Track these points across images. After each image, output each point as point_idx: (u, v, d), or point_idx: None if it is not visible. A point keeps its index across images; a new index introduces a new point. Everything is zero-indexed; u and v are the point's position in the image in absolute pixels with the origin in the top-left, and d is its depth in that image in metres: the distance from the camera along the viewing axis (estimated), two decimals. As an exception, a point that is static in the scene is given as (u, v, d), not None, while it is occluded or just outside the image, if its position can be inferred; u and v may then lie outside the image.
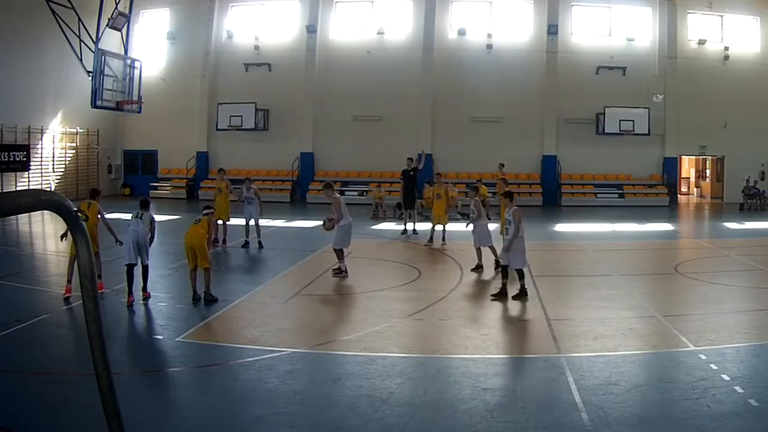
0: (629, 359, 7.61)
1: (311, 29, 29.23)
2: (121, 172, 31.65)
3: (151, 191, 29.84)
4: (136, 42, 28.28)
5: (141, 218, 10.46)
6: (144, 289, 10.24)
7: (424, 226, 19.48)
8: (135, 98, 25.51)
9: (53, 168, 27.11)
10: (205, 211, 10.87)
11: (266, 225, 19.75)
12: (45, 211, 1.71)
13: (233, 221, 16.41)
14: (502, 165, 23.50)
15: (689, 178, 34.74)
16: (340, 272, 12.24)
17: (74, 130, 28.02)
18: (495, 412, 6.03)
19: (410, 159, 19.28)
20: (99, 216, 10.66)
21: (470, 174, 27.17)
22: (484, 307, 10.33)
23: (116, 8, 24.23)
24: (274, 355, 7.74)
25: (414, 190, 18.60)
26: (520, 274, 10.49)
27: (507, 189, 12.11)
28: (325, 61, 29.37)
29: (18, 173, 24.83)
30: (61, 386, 6.71)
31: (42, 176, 26.25)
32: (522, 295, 10.29)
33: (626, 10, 28.68)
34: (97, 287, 1.77)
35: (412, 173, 18.71)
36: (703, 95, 27.72)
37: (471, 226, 12.92)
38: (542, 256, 13.44)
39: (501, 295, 10.39)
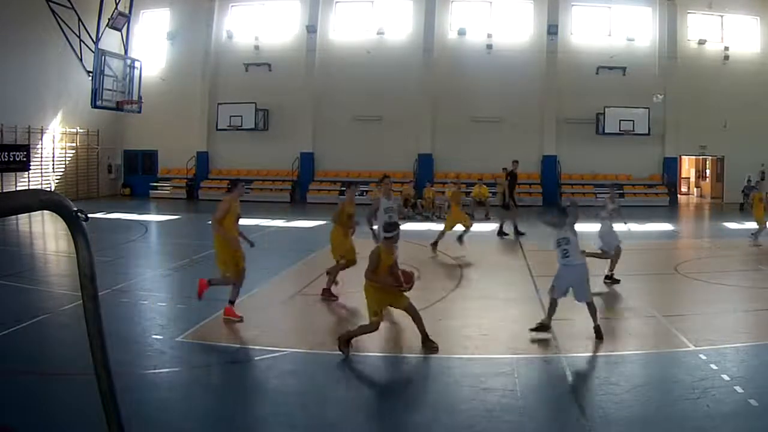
0: (629, 359, 7.61)
1: (311, 29, 29.24)
2: (121, 172, 31.68)
3: (151, 191, 29.93)
4: (136, 42, 28.33)
5: None
6: None
7: (424, 226, 19.52)
8: (135, 98, 25.56)
9: (53, 168, 27.12)
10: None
11: (266, 225, 19.80)
12: (45, 211, 1.70)
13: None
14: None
15: (689, 178, 34.75)
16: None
17: (74, 130, 28.03)
18: (495, 412, 6.02)
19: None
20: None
21: (470, 174, 27.18)
22: (483, 307, 10.32)
23: (116, 8, 24.27)
24: (274, 355, 7.73)
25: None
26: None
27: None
28: (325, 61, 29.37)
29: (18, 173, 24.85)
30: (61, 386, 6.70)
31: (42, 176, 26.26)
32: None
33: (626, 10, 28.71)
34: (97, 287, 1.76)
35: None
36: (703, 95, 27.73)
37: None
38: (542, 256, 13.41)
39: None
